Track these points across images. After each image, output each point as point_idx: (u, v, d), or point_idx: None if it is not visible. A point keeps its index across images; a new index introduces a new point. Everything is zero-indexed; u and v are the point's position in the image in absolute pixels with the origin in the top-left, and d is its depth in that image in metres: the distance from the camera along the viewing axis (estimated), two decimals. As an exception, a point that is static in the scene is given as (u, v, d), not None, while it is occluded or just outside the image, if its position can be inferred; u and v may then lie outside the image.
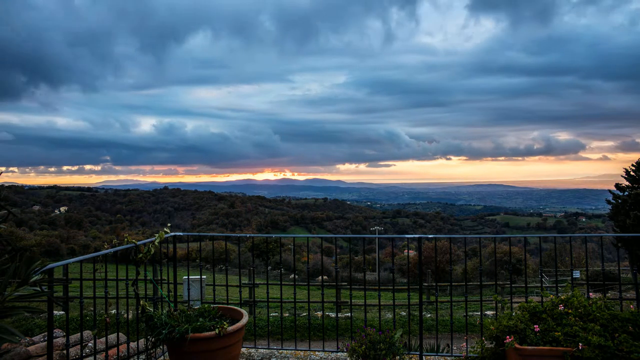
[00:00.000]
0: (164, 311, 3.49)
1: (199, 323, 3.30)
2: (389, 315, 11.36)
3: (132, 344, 4.26)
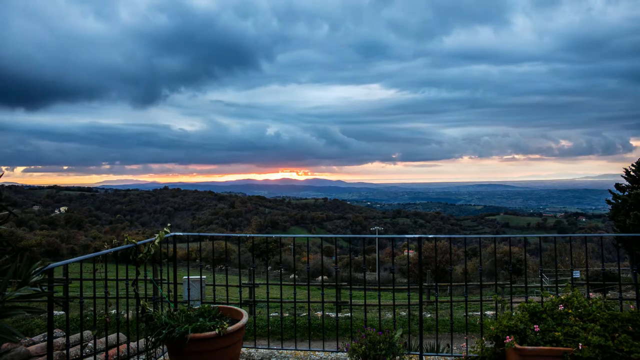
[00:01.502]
0: (164, 311, 3.49)
1: (199, 323, 3.30)
2: (389, 315, 11.36)
3: (132, 344, 4.26)
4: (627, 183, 19.65)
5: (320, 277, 30.68)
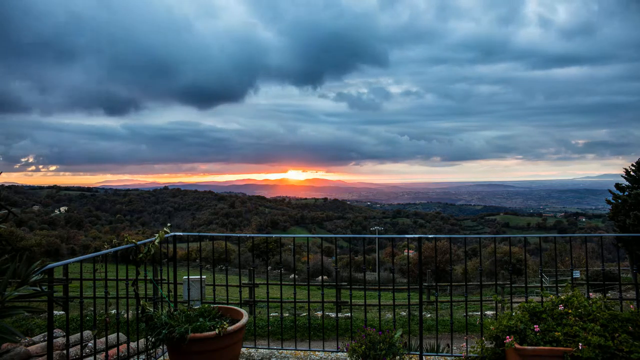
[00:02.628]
0: (164, 311, 3.49)
1: (199, 323, 3.30)
2: (389, 315, 11.36)
3: (132, 344, 4.26)
4: (627, 183, 19.65)
5: (320, 277, 30.69)
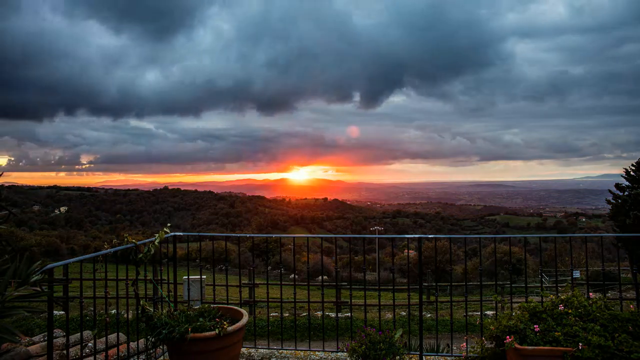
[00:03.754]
0: (164, 311, 3.49)
1: (199, 323, 3.30)
2: (389, 315, 11.36)
3: (132, 344, 4.26)
4: (627, 183, 19.64)
5: (320, 277, 30.69)
